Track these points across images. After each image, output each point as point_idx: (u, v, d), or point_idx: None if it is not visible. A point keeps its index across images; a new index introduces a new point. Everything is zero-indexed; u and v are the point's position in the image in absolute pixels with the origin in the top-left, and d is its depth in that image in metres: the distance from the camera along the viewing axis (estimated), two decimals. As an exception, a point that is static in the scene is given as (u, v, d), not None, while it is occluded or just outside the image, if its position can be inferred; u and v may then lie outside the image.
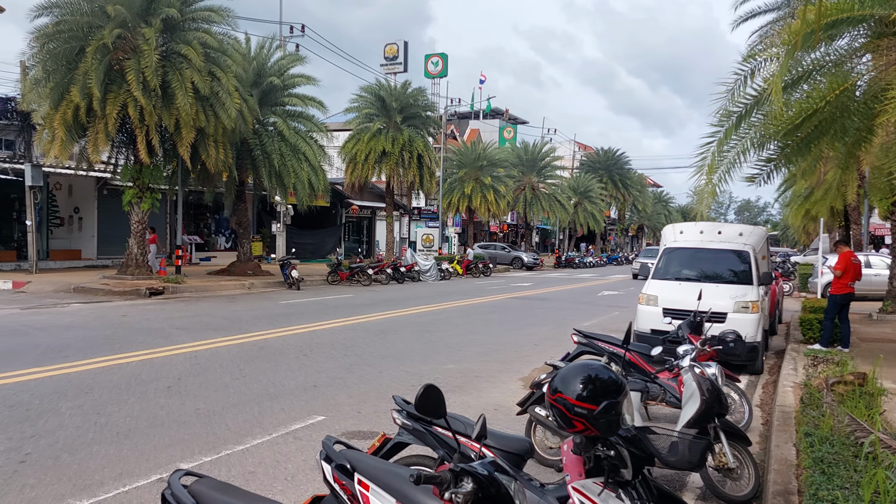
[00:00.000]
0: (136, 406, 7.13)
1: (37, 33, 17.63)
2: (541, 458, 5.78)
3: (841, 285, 11.42)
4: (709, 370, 5.69)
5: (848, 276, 11.40)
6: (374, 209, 40.21)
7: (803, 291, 25.38)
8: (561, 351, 9.80)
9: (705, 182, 9.83)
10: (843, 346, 11.15)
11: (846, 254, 11.70)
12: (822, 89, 9.57)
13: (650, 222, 79.50)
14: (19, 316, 13.27)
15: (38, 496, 4.79)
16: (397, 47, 45.35)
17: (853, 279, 11.46)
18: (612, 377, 2.81)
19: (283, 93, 24.54)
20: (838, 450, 4.94)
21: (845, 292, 11.37)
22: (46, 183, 22.82)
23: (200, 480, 2.95)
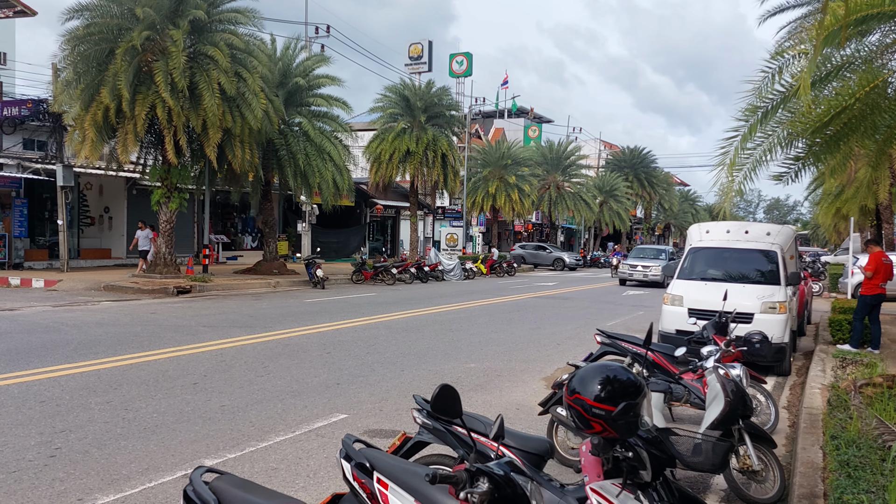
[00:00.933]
0: (162, 402, 7.24)
1: (68, 36, 17.98)
2: (562, 458, 5.76)
3: (871, 286, 11.20)
4: (733, 371, 5.63)
5: (879, 277, 11.17)
6: (398, 209, 40.33)
7: (833, 292, 24.93)
8: (584, 351, 9.77)
9: (728, 179, 9.69)
10: (873, 347, 10.95)
11: (877, 254, 11.47)
12: (852, 86, 9.39)
13: (677, 221, 78.67)
14: (51, 313, 13.55)
15: (67, 490, 4.90)
16: (422, 47, 45.40)
17: (884, 280, 11.21)
18: (630, 378, 2.80)
19: (308, 93, 24.72)
20: (865, 453, 4.85)
21: (876, 293, 11.14)
22: (77, 183, 23.24)
23: (221, 477, 2.99)
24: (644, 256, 29.71)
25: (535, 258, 42.61)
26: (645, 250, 31.27)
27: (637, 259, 29.42)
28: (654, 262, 28.43)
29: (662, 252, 30.17)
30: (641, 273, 28.00)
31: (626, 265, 28.87)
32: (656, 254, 30.06)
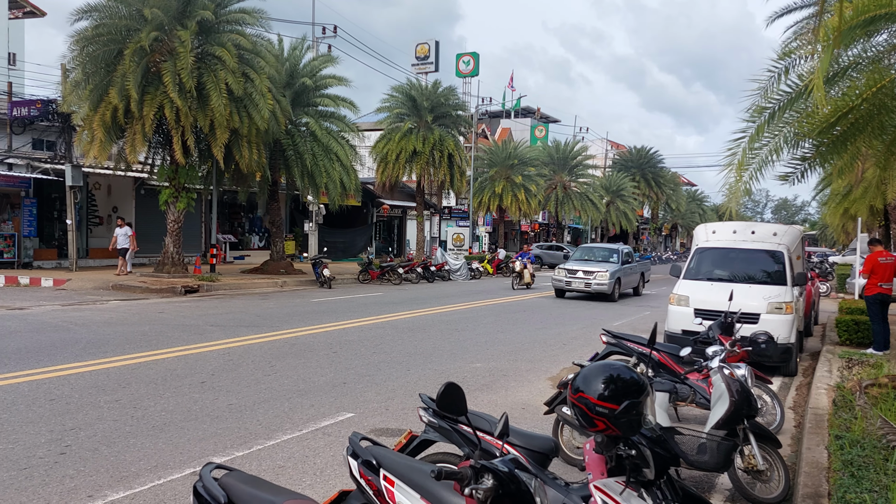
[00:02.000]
0: (171, 400, 7.30)
1: (77, 37, 18.10)
2: (568, 457, 5.79)
3: (870, 286, 11.34)
4: (738, 371, 5.65)
5: (876, 277, 11.29)
6: (404, 208, 40.38)
7: (841, 292, 24.85)
8: (589, 351, 9.79)
9: (735, 179, 9.69)
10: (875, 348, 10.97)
11: (873, 254, 11.65)
12: (860, 86, 9.37)
13: (684, 221, 78.52)
14: (60, 312, 13.65)
15: (77, 486, 4.95)
16: (428, 47, 45.42)
17: (882, 280, 11.30)
18: (633, 377, 2.82)
19: (315, 93, 24.80)
20: (869, 453, 4.86)
21: (874, 293, 11.23)
22: (86, 183, 23.38)
23: (230, 473, 3.04)
24: (589, 258, 22.80)
25: (551, 258, 42.63)
26: (592, 250, 24.01)
27: (579, 262, 22.17)
28: (602, 266, 21.32)
29: (614, 253, 22.81)
30: (582, 281, 20.92)
31: (563, 270, 21.65)
32: (606, 255, 22.94)
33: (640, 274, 23.99)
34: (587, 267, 21.30)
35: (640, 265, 24.74)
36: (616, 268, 21.40)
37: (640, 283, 24.00)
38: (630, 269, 22.86)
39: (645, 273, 24.79)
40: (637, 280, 23.60)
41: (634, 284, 23.42)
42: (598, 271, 20.81)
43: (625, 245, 24.59)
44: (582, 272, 21.16)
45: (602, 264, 21.61)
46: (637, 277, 23.61)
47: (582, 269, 21.25)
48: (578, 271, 21.25)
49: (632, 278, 23.02)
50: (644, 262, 26.35)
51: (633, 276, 23.18)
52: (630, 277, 22.76)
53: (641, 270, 24.33)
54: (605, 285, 20.55)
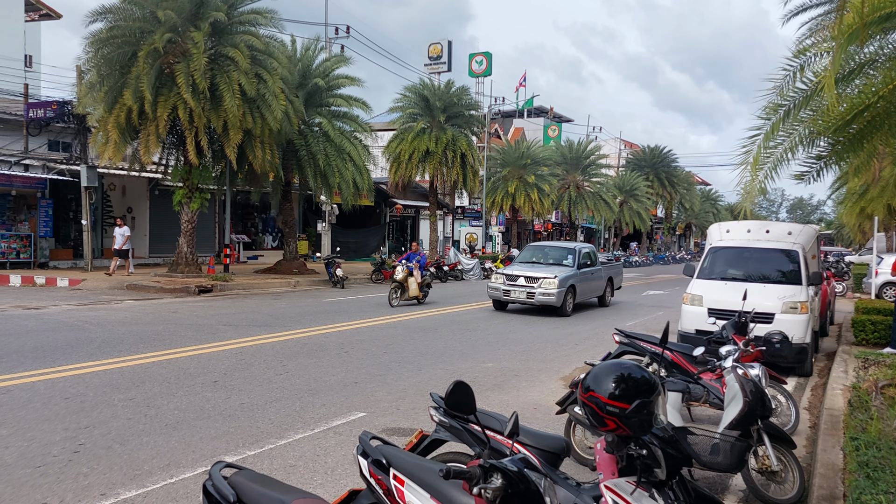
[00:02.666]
0: (184, 399, 7.34)
1: (91, 39, 18.25)
2: (579, 457, 5.76)
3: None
4: (752, 371, 5.59)
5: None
6: (417, 208, 40.41)
7: (857, 292, 24.60)
8: (602, 350, 9.75)
9: (750, 178, 9.61)
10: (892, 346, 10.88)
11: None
12: (876, 83, 9.27)
13: (698, 221, 78.01)
14: (76, 312, 13.76)
15: (91, 484, 4.99)
16: (441, 47, 45.41)
17: None
18: (644, 376, 2.80)
19: (327, 94, 24.86)
20: (885, 454, 4.81)
21: None
22: (101, 184, 23.56)
23: (240, 472, 3.04)
24: (538, 261, 18.19)
25: None
26: (542, 250, 19.03)
27: (523, 266, 17.44)
28: (550, 271, 16.73)
29: (569, 254, 18.07)
30: (523, 290, 16.35)
31: (501, 276, 16.95)
32: (559, 256, 18.17)
33: (605, 280, 19.23)
34: (531, 272, 16.53)
35: (608, 268, 19.85)
36: (568, 273, 16.79)
37: (607, 291, 19.43)
38: (590, 274, 18.06)
39: (615, 278, 20.25)
40: (602, 287, 19.00)
41: (598, 292, 18.89)
42: (544, 278, 16.18)
43: (586, 244, 19.95)
44: (524, 278, 16.38)
45: (551, 269, 16.94)
46: (601, 284, 18.94)
47: (524, 275, 16.43)
48: (519, 277, 16.46)
49: (593, 285, 18.36)
50: (613, 266, 20.95)
51: (596, 282, 18.56)
52: (590, 284, 18.09)
53: (609, 275, 19.63)
54: (551, 295, 15.93)
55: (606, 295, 19.31)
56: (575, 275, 16.99)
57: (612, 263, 21.04)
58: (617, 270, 20.87)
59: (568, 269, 17.12)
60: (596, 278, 18.48)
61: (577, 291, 16.93)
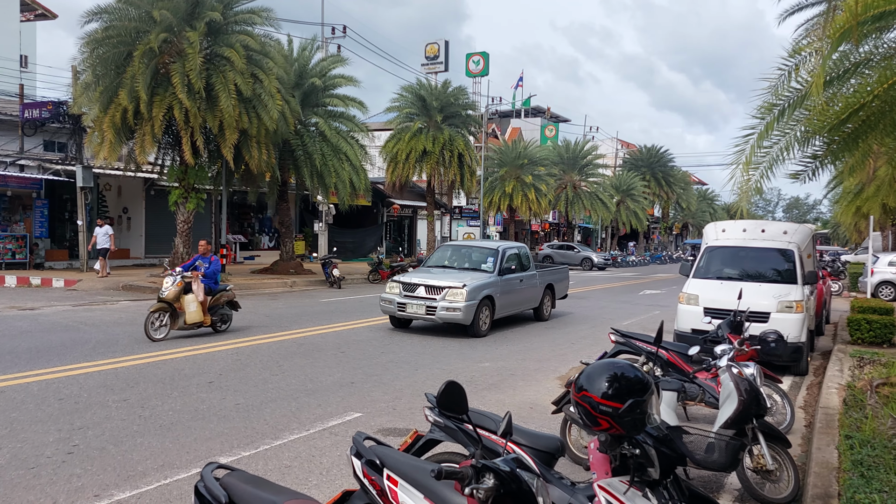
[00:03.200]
0: (178, 400, 7.32)
1: (87, 39, 18.21)
2: (575, 456, 5.76)
3: None
4: (747, 370, 5.61)
5: None
6: (415, 208, 40.39)
7: (853, 291, 24.65)
8: (598, 350, 9.74)
9: (744, 177, 9.62)
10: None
11: None
12: (871, 83, 9.28)
13: (694, 220, 78.14)
14: (71, 312, 13.73)
15: (84, 485, 4.97)
16: (438, 47, 45.40)
17: None
18: (637, 375, 2.80)
19: (324, 93, 24.84)
20: (879, 453, 4.81)
21: None
22: (96, 184, 23.52)
23: (232, 473, 3.03)
24: (450, 265, 14.48)
25: (563, 258, 42.49)
26: (458, 252, 15.11)
27: (428, 272, 13.76)
28: (458, 278, 13.03)
29: (490, 256, 14.22)
30: (422, 303, 12.66)
31: (397, 284, 13.18)
32: (478, 259, 14.35)
33: (542, 288, 15.51)
34: (435, 280, 12.90)
35: (546, 274, 16.05)
36: (484, 280, 13.12)
37: (546, 302, 15.74)
38: (517, 281, 14.26)
39: (556, 285, 16.37)
40: (536, 297, 15.26)
41: (532, 304, 15.18)
42: (449, 287, 12.56)
43: (515, 243, 15.83)
44: (424, 288, 12.76)
45: (463, 275, 13.26)
46: (535, 294, 15.22)
47: (425, 284, 12.80)
48: (418, 287, 12.80)
49: (522, 295, 14.66)
50: (554, 270, 17.03)
51: (527, 291, 14.84)
52: (518, 294, 14.44)
53: (548, 282, 15.89)
54: (457, 311, 12.33)
55: (544, 306, 15.65)
56: (493, 283, 13.24)
57: (554, 268, 17.45)
58: (559, 276, 16.90)
59: (485, 275, 13.40)
60: (527, 286, 14.75)
61: (498, 304, 13.27)
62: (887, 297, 20.64)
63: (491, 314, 13.18)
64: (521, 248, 15.37)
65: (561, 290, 16.80)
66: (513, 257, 14.49)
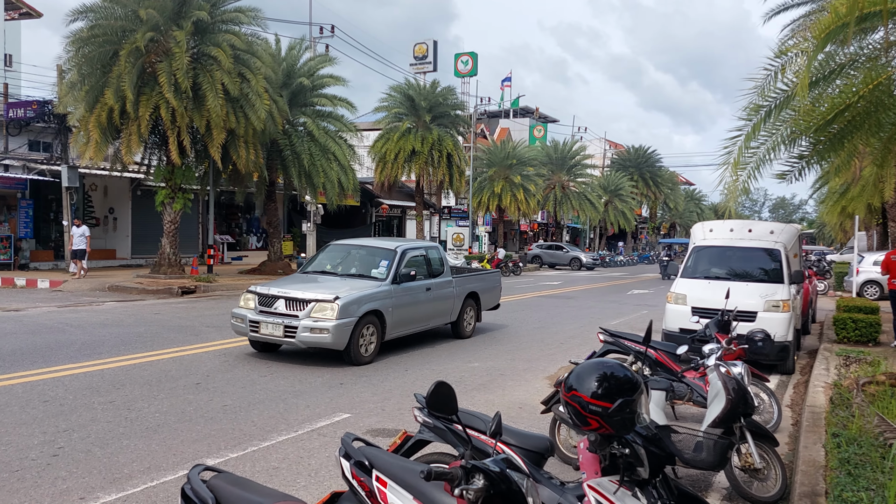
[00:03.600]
0: (165, 402, 7.26)
1: (72, 38, 18.05)
2: (565, 456, 5.76)
3: (889, 283, 12.14)
4: (735, 369, 5.63)
5: (892, 275, 11.98)
6: (404, 208, 40.36)
7: (838, 290, 24.85)
8: (587, 349, 9.76)
9: (732, 178, 9.67)
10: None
11: (888, 253, 12.39)
12: (857, 83, 9.35)
13: (682, 220, 78.57)
14: (56, 314, 13.60)
15: (70, 488, 4.92)
16: (427, 47, 45.38)
17: None
18: (627, 375, 2.80)
19: (312, 93, 24.76)
20: (866, 451, 4.84)
21: (890, 289, 12.05)
22: (82, 184, 23.34)
23: (219, 475, 3.00)
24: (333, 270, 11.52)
25: (552, 258, 42.74)
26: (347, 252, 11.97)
27: (301, 281, 10.82)
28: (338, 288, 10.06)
29: (385, 259, 11.11)
30: (279, 323, 9.55)
31: (252, 296, 10.11)
32: (366, 265, 11.28)
33: (461, 298, 12.38)
34: (299, 291, 9.83)
35: (469, 280, 12.93)
36: (369, 291, 10.11)
37: (466, 315, 12.60)
38: (422, 290, 11.19)
39: (483, 294, 13.22)
40: (451, 309, 12.11)
41: (444, 318, 12.03)
42: (316, 301, 9.54)
43: (421, 242, 12.98)
44: (284, 302, 9.71)
45: (341, 283, 10.34)
46: (449, 305, 12.03)
47: (286, 297, 9.72)
48: (278, 300, 9.75)
49: (432, 308, 11.55)
50: (480, 276, 13.86)
51: (437, 303, 11.69)
52: (425, 307, 11.32)
53: (470, 289, 12.75)
54: (325, 332, 9.34)
55: (464, 321, 12.51)
56: (383, 294, 10.16)
57: (479, 273, 14.37)
58: (487, 283, 13.68)
59: (373, 284, 10.35)
60: (438, 297, 11.68)
61: (391, 321, 10.23)
62: (872, 296, 20.81)
63: (379, 334, 10.08)
64: (430, 248, 12.42)
65: (489, 299, 13.75)
66: (416, 261, 11.44)
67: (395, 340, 10.83)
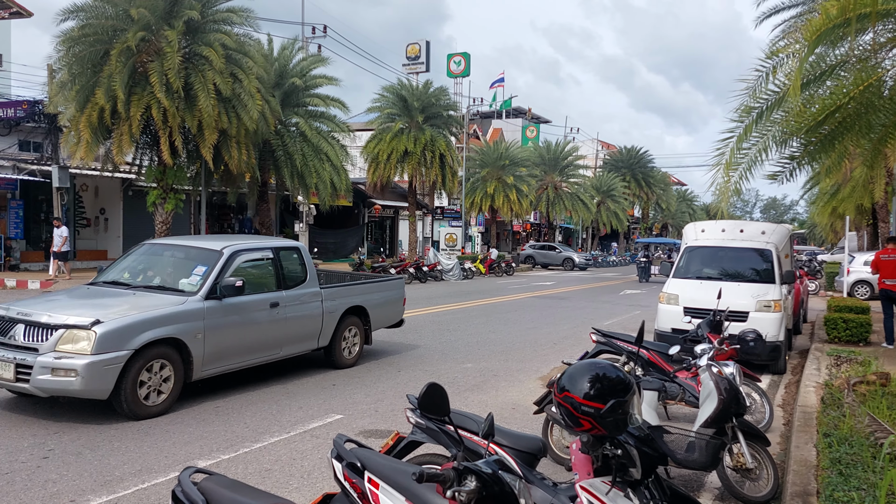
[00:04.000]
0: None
1: (63, 37, 17.93)
2: (557, 456, 5.76)
3: (879, 282, 11.98)
4: (727, 369, 5.63)
5: (880, 274, 11.86)
6: (396, 209, 40.32)
7: (829, 290, 24.98)
8: (580, 350, 9.77)
9: (724, 179, 9.71)
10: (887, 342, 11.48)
11: (877, 253, 12.37)
12: (847, 85, 9.40)
13: (674, 221, 78.79)
14: (46, 315, 13.50)
15: (60, 491, 4.89)
16: (419, 47, 45.36)
17: (885, 276, 11.76)
18: (619, 376, 2.80)
19: (304, 93, 24.70)
20: (857, 450, 4.86)
21: (880, 288, 11.88)
22: (73, 184, 23.20)
23: (210, 478, 2.99)
24: (132, 280, 8.20)
25: (545, 258, 42.85)
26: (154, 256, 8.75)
27: (60, 299, 7.58)
28: (108, 308, 6.91)
29: (200, 265, 7.90)
30: (10, 358, 6.46)
31: None
32: (175, 272, 8.16)
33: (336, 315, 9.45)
34: (48, 313, 6.77)
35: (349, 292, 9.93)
36: (160, 313, 7.13)
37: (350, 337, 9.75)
38: (263, 307, 8.23)
39: (373, 310, 10.16)
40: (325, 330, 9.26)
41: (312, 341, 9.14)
42: (68, 327, 6.58)
43: (268, 241, 9.81)
44: (23, 327, 6.72)
45: (127, 300, 7.40)
46: (314, 325, 9.10)
47: (25, 321, 6.70)
48: (16, 324, 6.77)
49: (279, 331, 8.54)
50: (373, 285, 10.59)
51: (292, 323, 8.73)
52: (267, 330, 8.35)
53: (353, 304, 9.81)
54: (72, 373, 6.37)
55: (340, 346, 9.50)
56: (184, 314, 7.27)
57: (376, 280, 10.91)
58: (383, 293, 10.57)
59: (174, 300, 7.46)
60: (292, 316, 8.70)
61: (201, 352, 7.36)
62: (863, 295, 20.93)
63: (180, 374, 7.16)
64: (284, 249, 9.03)
65: (386, 315, 10.55)
66: (256, 267, 8.61)
67: (382, 346, 10.80)
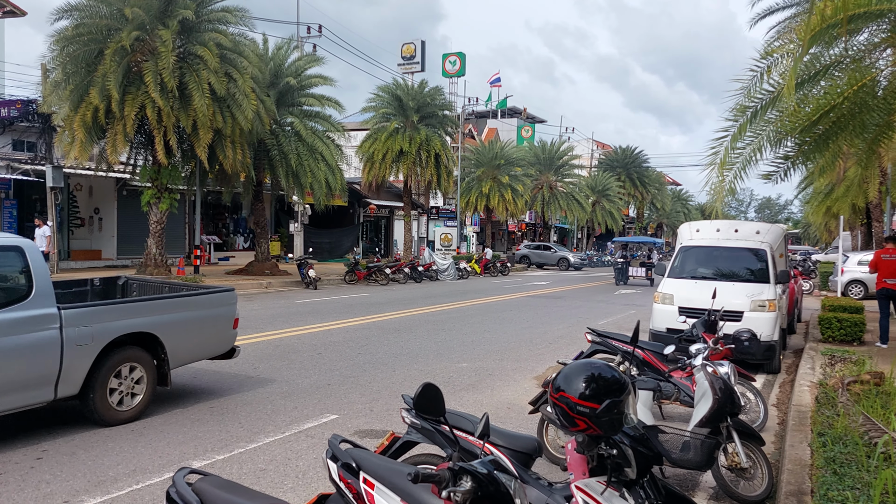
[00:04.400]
0: (150, 403, 7.19)
1: (57, 36, 17.89)
2: (552, 456, 5.76)
3: (877, 281, 12.00)
4: (721, 369, 5.64)
5: (880, 273, 11.89)
6: (391, 208, 40.28)
7: (824, 290, 25.06)
8: (575, 350, 9.78)
9: (718, 178, 9.74)
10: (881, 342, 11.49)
11: (876, 252, 12.49)
12: (841, 85, 9.43)
13: (669, 220, 78.97)
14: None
15: (54, 492, 4.86)
16: (414, 47, 45.35)
17: (886, 276, 11.81)
18: (614, 375, 2.79)
19: (299, 93, 24.67)
20: (851, 450, 4.88)
21: (879, 287, 11.89)
22: (67, 184, 23.11)
23: (205, 478, 2.98)
24: None
25: (540, 258, 42.94)
26: None
27: None
28: None
29: None
30: None
31: None
32: None
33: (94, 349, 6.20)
34: None
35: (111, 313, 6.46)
36: None
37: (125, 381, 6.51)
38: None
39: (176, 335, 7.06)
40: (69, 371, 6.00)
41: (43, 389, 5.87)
42: None
43: None
44: None
45: None
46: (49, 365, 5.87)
47: None
48: None
49: None
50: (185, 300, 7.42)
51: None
52: None
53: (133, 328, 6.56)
54: None
55: (104, 393, 6.37)
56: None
57: (191, 295, 7.69)
58: (200, 313, 7.57)
59: None
60: None
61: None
62: (857, 295, 21.00)
63: None
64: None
65: (195, 344, 7.52)
66: None
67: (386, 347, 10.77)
